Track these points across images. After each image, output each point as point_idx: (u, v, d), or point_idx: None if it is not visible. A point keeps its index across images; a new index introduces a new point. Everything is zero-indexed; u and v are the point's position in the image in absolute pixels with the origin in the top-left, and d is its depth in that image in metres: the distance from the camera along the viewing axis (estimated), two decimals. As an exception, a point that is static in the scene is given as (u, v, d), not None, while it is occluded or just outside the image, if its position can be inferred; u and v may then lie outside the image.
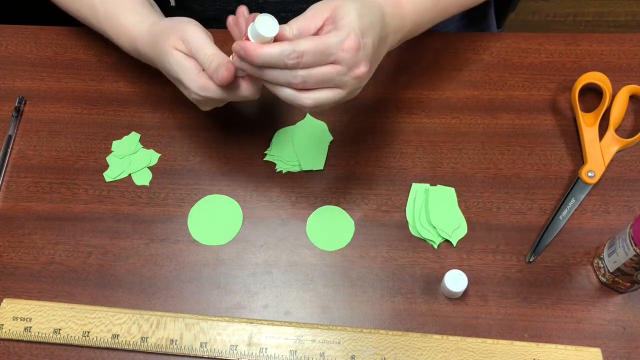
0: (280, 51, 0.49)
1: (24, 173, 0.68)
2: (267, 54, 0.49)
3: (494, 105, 0.70)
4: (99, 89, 0.74)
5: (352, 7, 0.51)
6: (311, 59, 0.49)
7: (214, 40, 0.57)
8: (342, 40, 0.50)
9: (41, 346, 0.59)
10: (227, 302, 0.61)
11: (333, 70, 0.50)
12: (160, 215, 0.65)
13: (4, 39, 0.79)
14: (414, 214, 0.64)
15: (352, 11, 0.51)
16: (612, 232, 0.62)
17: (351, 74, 0.51)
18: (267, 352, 0.57)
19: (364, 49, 0.51)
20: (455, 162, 0.67)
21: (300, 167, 0.67)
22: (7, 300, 0.61)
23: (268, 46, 0.49)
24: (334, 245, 0.63)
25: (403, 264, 0.62)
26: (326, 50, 0.49)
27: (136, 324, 0.59)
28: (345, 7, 0.51)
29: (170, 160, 0.69)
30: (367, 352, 0.57)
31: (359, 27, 0.51)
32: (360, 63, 0.51)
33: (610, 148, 0.66)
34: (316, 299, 0.61)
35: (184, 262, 0.63)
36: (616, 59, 0.73)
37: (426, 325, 0.59)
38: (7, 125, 0.71)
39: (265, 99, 0.72)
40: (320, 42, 0.49)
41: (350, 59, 0.50)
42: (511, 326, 0.59)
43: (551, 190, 0.65)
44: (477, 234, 0.63)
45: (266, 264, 0.62)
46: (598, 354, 0.57)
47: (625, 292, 0.59)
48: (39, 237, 0.65)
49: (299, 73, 0.49)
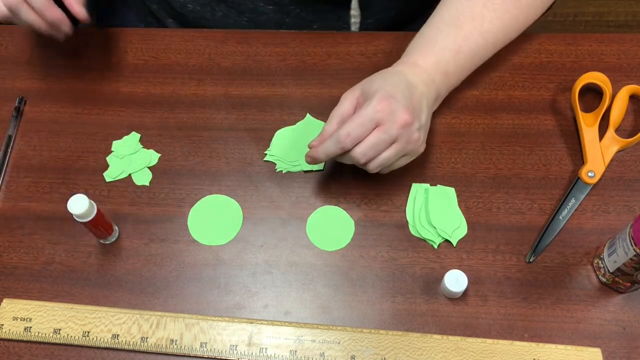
0: (335, 141, 0.57)
1: (24, 173, 0.68)
2: (326, 149, 0.58)
3: (494, 105, 0.70)
4: (99, 89, 0.74)
5: (376, 77, 0.61)
6: (358, 132, 0.57)
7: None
8: (374, 104, 0.57)
9: (41, 346, 0.59)
10: (227, 302, 0.61)
11: (379, 132, 0.57)
12: (160, 215, 0.65)
13: (4, 39, 0.78)
14: (414, 214, 0.64)
15: (377, 79, 0.60)
16: (612, 232, 0.62)
17: (395, 126, 0.57)
18: (267, 352, 0.57)
19: (397, 101, 0.57)
20: (455, 162, 0.67)
21: (300, 167, 0.67)
22: (7, 300, 0.61)
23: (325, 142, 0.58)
24: (334, 245, 0.63)
25: (403, 264, 0.62)
26: (365, 118, 0.57)
27: (136, 324, 0.59)
28: (370, 80, 0.61)
29: (170, 160, 0.69)
30: (367, 352, 0.57)
31: (384, 89, 0.58)
32: (398, 112, 0.57)
33: (610, 148, 0.66)
34: (316, 299, 0.61)
35: (184, 262, 0.63)
36: (616, 59, 0.73)
37: (426, 325, 0.59)
38: (7, 125, 0.71)
39: (265, 98, 0.72)
40: (357, 116, 0.57)
41: (387, 114, 0.57)
42: (511, 326, 0.59)
43: (551, 190, 0.65)
44: (477, 234, 0.63)
45: (266, 264, 0.62)
46: (598, 354, 0.57)
47: (625, 292, 0.59)
48: (39, 237, 0.65)
49: (357, 150, 0.57)
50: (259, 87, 0.73)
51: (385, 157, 0.58)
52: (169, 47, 0.76)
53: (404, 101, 0.58)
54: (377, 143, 0.57)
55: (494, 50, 0.68)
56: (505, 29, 0.67)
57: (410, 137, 0.58)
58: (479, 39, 0.65)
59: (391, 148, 0.58)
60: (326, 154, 0.59)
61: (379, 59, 0.74)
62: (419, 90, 0.61)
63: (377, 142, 0.57)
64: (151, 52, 0.76)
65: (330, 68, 0.74)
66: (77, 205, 0.56)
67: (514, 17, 0.67)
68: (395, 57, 0.66)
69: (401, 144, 0.58)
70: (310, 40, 0.76)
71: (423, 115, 0.60)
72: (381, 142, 0.57)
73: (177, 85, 0.74)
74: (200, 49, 0.76)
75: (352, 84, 0.62)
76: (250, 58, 0.75)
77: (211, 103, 0.72)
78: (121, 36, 0.77)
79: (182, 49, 0.76)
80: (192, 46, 0.76)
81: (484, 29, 0.65)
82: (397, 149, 0.58)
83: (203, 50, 0.76)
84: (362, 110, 0.57)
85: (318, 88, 0.72)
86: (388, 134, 0.57)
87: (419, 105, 0.60)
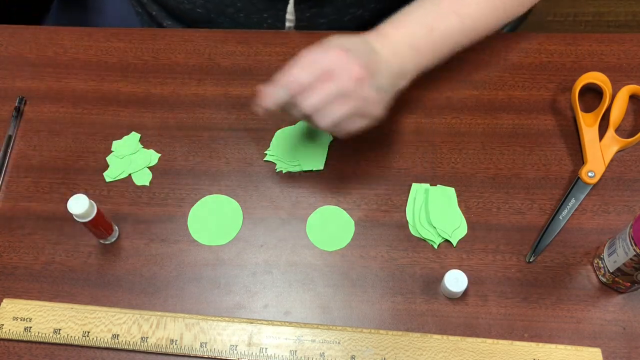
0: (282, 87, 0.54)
1: (24, 173, 0.68)
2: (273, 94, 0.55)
3: (494, 105, 0.70)
4: (99, 89, 0.74)
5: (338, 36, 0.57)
6: (306, 78, 0.53)
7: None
8: (329, 53, 0.54)
9: (41, 346, 0.59)
10: (227, 302, 0.61)
11: (330, 83, 0.53)
12: (160, 215, 0.65)
13: (4, 39, 0.78)
14: (414, 214, 0.64)
15: (338, 37, 0.56)
16: (612, 232, 0.62)
17: (348, 79, 0.53)
18: (267, 352, 0.57)
19: (354, 55, 0.54)
20: (455, 162, 0.67)
21: (300, 167, 0.67)
22: (7, 300, 0.61)
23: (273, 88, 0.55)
24: (334, 245, 0.63)
25: (403, 264, 0.62)
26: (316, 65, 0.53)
27: (136, 324, 0.59)
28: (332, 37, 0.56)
29: (170, 160, 0.69)
30: (367, 352, 0.57)
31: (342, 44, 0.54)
32: (353, 65, 0.53)
33: (610, 148, 0.66)
34: (316, 299, 0.61)
35: (184, 262, 0.63)
36: (616, 59, 0.73)
37: (426, 325, 0.59)
38: (7, 125, 0.71)
39: (265, 99, 0.72)
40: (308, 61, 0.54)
41: (341, 65, 0.53)
42: (511, 326, 0.59)
43: (551, 190, 0.65)
44: (477, 234, 0.63)
45: (266, 264, 0.62)
46: (598, 354, 0.57)
47: (625, 292, 0.59)
48: (39, 237, 0.65)
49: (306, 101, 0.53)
50: (259, 87, 0.73)
51: (337, 113, 0.54)
52: (169, 47, 0.76)
53: (361, 57, 0.54)
54: (328, 95, 0.53)
55: (473, 38, 0.65)
56: (485, 16, 0.65)
57: (365, 95, 0.55)
58: (455, 20, 0.63)
59: (344, 104, 0.54)
60: (273, 101, 0.55)
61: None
62: (381, 56, 0.58)
63: (328, 94, 0.53)
64: (151, 52, 0.76)
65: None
66: (77, 205, 0.56)
67: (495, 6, 0.65)
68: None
69: (355, 101, 0.54)
70: (310, 40, 0.76)
71: (382, 79, 0.57)
72: (332, 94, 0.53)
73: (177, 85, 0.74)
74: (200, 49, 0.76)
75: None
76: (250, 58, 0.75)
77: (211, 103, 0.72)
78: (121, 36, 0.77)
79: (182, 49, 0.76)
80: (192, 46, 0.76)
81: (463, 12, 0.63)
82: (351, 106, 0.54)
83: (203, 50, 0.76)
84: (315, 56, 0.54)
85: (318, 88, 0.72)
86: (340, 86, 0.53)
87: (377, 67, 0.56)
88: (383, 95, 0.57)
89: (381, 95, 0.57)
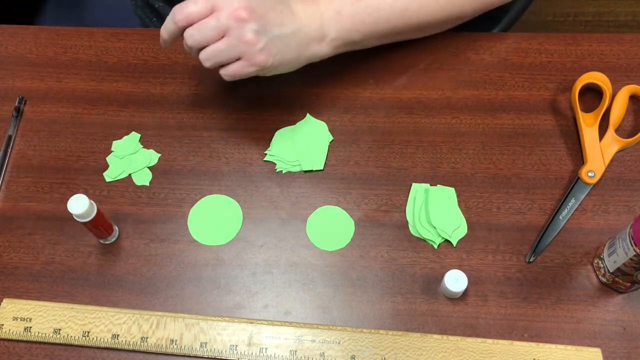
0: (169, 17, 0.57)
1: (24, 173, 0.68)
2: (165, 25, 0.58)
3: (494, 105, 0.70)
4: (99, 89, 0.74)
5: None
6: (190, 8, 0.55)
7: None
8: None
9: (41, 346, 0.59)
10: (227, 302, 0.61)
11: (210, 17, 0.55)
12: (160, 215, 0.65)
13: (4, 39, 0.79)
14: (414, 214, 0.64)
15: None
16: (612, 232, 0.62)
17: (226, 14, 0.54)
18: (267, 352, 0.57)
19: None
20: (455, 162, 0.67)
21: (300, 167, 0.67)
22: (7, 300, 0.61)
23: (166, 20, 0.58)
24: (334, 245, 0.63)
25: (403, 264, 0.62)
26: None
27: (136, 324, 0.59)
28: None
29: (170, 160, 0.69)
30: (367, 352, 0.57)
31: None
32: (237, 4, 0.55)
33: (610, 148, 0.66)
34: (316, 299, 0.61)
35: (184, 262, 0.63)
36: (616, 59, 0.73)
37: (426, 325, 0.59)
38: (7, 125, 0.71)
39: (265, 98, 0.72)
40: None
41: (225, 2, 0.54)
42: (511, 326, 0.59)
43: (551, 190, 0.65)
44: (477, 234, 0.63)
45: (266, 264, 0.62)
46: (598, 354, 0.57)
47: (625, 292, 0.59)
48: (39, 237, 0.65)
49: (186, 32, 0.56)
50: (259, 87, 0.73)
51: (213, 47, 0.56)
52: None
53: (256, 1, 0.56)
54: (204, 25, 0.55)
55: (412, 21, 0.65)
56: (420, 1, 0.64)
57: (242, 36, 0.55)
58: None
59: (221, 40, 0.56)
60: (164, 31, 0.58)
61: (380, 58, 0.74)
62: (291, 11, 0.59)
63: (204, 25, 0.55)
64: (151, 52, 0.76)
65: (330, 68, 0.74)
66: (77, 205, 0.56)
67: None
68: (396, 54, 0.65)
69: (231, 38, 0.55)
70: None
71: (274, 27, 0.57)
72: (208, 27, 0.55)
73: (177, 85, 0.74)
74: (200, 49, 0.76)
75: (353, 83, 0.62)
76: (250, 58, 0.75)
77: (211, 103, 0.72)
78: (121, 36, 0.77)
79: (182, 49, 0.76)
80: (192, 46, 0.76)
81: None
82: (226, 43, 0.56)
83: (203, 50, 0.76)
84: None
85: (318, 88, 0.72)
86: (216, 19, 0.55)
87: (273, 16, 0.57)
88: (266, 42, 0.57)
89: (263, 42, 0.57)
